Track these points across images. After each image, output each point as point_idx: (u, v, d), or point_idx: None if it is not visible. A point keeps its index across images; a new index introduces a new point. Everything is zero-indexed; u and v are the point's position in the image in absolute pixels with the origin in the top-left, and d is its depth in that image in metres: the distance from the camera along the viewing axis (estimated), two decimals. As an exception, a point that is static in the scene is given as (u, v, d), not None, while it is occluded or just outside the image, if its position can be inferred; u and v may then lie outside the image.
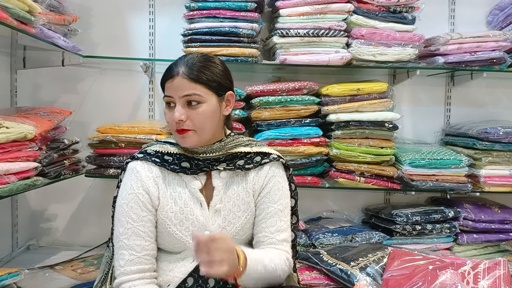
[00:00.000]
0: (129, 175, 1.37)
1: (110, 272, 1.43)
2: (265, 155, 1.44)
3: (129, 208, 1.33)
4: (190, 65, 1.32)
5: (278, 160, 1.44)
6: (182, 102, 1.32)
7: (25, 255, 2.28)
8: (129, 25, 2.45)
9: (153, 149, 1.42)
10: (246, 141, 1.47)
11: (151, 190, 1.35)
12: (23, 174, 1.65)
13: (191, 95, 1.31)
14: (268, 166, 1.43)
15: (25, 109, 2.07)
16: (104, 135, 2.10)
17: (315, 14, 2.13)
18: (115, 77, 2.45)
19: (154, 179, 1.37)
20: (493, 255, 2.21)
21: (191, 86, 1.31)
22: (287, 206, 1.43)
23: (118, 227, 1.34)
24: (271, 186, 1.41)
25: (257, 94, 2.16)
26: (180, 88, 1.31)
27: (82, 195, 2.48)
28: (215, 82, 1.34)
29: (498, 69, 2.26)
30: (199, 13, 2.13)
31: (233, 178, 1.42)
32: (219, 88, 1.36)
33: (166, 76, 1.35)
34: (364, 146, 2.16)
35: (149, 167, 1.37)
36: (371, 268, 1.72)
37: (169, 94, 1.34)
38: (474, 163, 2.21)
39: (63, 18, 2.02)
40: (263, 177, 1.42)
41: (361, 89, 2.15)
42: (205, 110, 1.33)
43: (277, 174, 1.43)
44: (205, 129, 1.35)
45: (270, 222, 1.39)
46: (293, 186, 1.49)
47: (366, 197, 2.53)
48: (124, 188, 1.37)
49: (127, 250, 1.31)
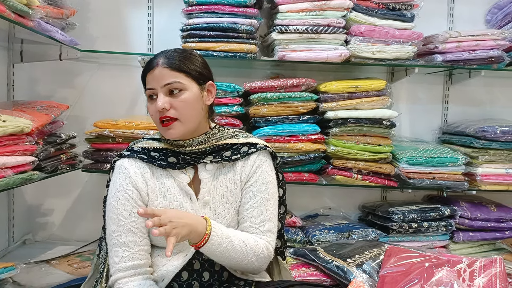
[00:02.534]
0: (117, 173, 1.37)
1: (105, 272, 1.42)
2: (252, 145, 1.43)
3: (120, 205, 1.33)
4: (169, 56, 1.34)
5: (265, 149, 1.43)
6: (164, 91, 1.32)
7: (21, 250, 2.27)
8: (127, 20, 2.44)
9: (140, 146, 1.42)
10: (232, 132, 1.46)
11: (140, 186, 1.35)
12: (19, 168, 1.65)
13: (172, 83, 1.31)
14: (255, 155, 1.41)
15: (22, 103, 2.06)
16: (101, 130, 2.10)
17: (314, 10, 2.13)
18: (112, 72, 2.44)
19: (143, 175, 1.37)
20: (488, 253, 2.22)
21: (172, 74, 1.32)
22: (273, 196, 1.42)
23: (110, 225, 1.34)
24: (258, 175, 1.40)
25: (255, 90, 2.15)
26: (161, 77, 1.32)
27: (78, 190, 2.47)
28: (195, 71, 1.36)
29: (496, 67, 2.26)
30: (197, 8, 2.12)
31: (220, 170, 1.41)
32: (200, 77, 1.37)
33: (146, 69, 1.36)
34: (362, 143, 2.17)
35: (137, 164, 1.38)
36: (367, 265, 1.72)
37: (151, 86, 1.34)
38: (471, 162, 2.22)
39: (61, 11, 2.01)
40: (250, 166, 1.40)
41: (359, 86, 2.15)
42: (187, 97, 1.33)
43: (264, 163, 1.42)
44: (189, 117, 1.34)
45: (256, 212, 1.37)
46: (280, 176, 1.48)
47: (363, 194, 2.53)
48: (113, 186, 1.37)
49: (121, 247, 1.31)
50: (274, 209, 1.41)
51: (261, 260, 1.34)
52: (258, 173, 1.40)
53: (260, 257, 1.33)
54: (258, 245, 1.33)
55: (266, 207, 1.38)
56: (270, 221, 1.39)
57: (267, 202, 1.39)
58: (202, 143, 1.39)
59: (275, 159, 1.46)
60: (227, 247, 1.27)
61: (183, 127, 1.34)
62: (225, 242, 1.26)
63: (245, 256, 1.30)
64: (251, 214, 1.38)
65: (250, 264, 1.32)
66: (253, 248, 1.31)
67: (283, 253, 1.52)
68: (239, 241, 1.29)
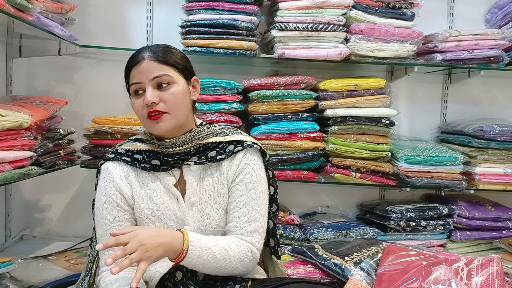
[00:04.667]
0: (102, 177, 1.37)
1: (93, 271, 1.43)
2: (239, 142, 1.39)
3: (105, 210, 1.33)
4: (154, 50, 1.33)
5: (252, 146, 1.39)
6: (152, 84, 1.30)
7: (18, 245, 2.27)
8: (127, 15, 2.43)
9: (124, 148, 1.40)
10: (219, 129, 1.42)
11: (124, 189, 1.34)
12: (17, 163, 1.64)
13: (161, 76, 1.30)
14: (241, 154, 1.37)
15: (21, 98, 2.06)
16: (100, 126, 2.10)
17: (314, 8, 2.12)
18: (112, 67, 2.43)
19: (127, 178, 1.36)
20: (486, 253, 2.22)
21: (160, 67, 1.30)
22: (261, 195, 1.37)
23: (98, 229, 1.35)
24: (245, 174, 1.36)
25: (255, 87, 2.15)
26: (149, 71, 1.29)
27: (76, 185, 2.47)
28: (181, 65, 1.35)
29: (496, 67, 2.26)
30: (197, 5, 2.11)
31: (206, 170, 1.38)
32: (186, 71, 1.36)
33: (131, 64, 1.33)
34: (361, 141, 2.17)
35: (121, 167, 1.37)
36: (365, 263, 1.72)
37: (138, 80, 1.31)
38: (469, 161, 2.22)
39: (61, 6, 2.00)
40: (236, 165, 1.37)
41: (359, 84, 2.15)
42: (176, 90, 1.31)
43: (251, 161, 1.37)
44: (178, 111, 1.32)
45: (242, 212, 1.34)
46: (270, 174, 1.43)
47: (361, 193, 2.53)
48: (99, 190, 1.37)
49: (108, 251, 1.30)
50: (262, 209, 1.37)
51: (245, 264, 1.31)
52: (245, 171, 1.36)
53: (245, 261, 1.30)
54: (242, 251, 1.30)
55: (252, 206, 1.34)
56: (256, 221, 1.34)
57: (253, 202, 1.35)
58: (186, 143, 1.36)
59: (265, 156, 1.42)
60: (208, 258, 1.24)
61: (173, 120, 1.31)
62: (205, 254, 1.24)
63: (228, 264, 1.28)
64: (236, 213, 1.34)
65: (235, 270, 1.30)
66: (236, 254, 1.28)
67: (277, 252, 1.49)
68: (220, 250, 1.26)
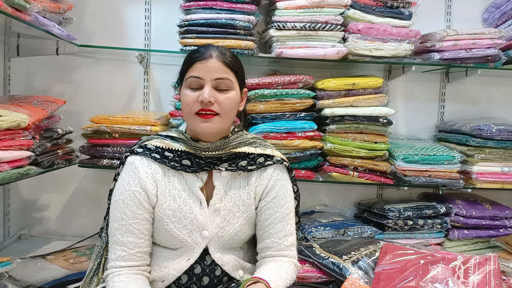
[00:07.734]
0: (127, 170, 1.35)
1: (102, 263, 1.43)
2: (269, 156, 1.41)
3: (125, 205, 1.31)
4: (222, 51, 1.33)
5: (281, 163, 1.43)
6: (213, 84, 1.31)
7: (16, 245, 2.27)
8: (124, 15, 2.43)
9: (154, 144, 1.38)
10: (250, 138, 1.45)
11: (149, 187, 1.33)
12: (16, 163, 1.64)
13: (224, 79, 1.31)
14: (271, 168, 1.41)
15: (19, 97, 2.06)
16: (98, 126, 2.09)
17: (312, 7, 2.12)
18: (109, 67, 2.43)
19: (153, 175, 1.34)
20: (483, 251, 2.23)
21: (225, 70, 1.31)
22: (292, 210, 1.43)
23: (113, 222, 1.33)
24: (277, 191, 1.40)
25: (253, 87, 2.15)
26: (214, 70, 1.30)
27: (75, 185, 2.47)
28: (240, 74, 1.36)
29: (493, 66, 2.27)
30: (195, 4, 2.11)
31: (235, 178, 1.39)
32: (242, 80, 1.38)
33: (197, 57, 1.32)
34: (358, 140, 2.17)
35: (148, 163, 1.35)
36: (363, 261, 1.73)
37: (199, 75, 1.30)
38: (466, 160, 2.23)
39: (58, 6, 1.99)
40: (266, 179, 1.40)
41: (357, 84, 2.16)
42: (233, 96, 1.33)
43: (281, 177, 1.42)
44: (228, 116, 1.34)
45: (278, 228, 1.38)
46: (295, 188, 1.49)
47: (359, 191, 2.54)
48: (121, 183, 1.34)
49: (120, 245, 1.31)
50: (293, 222, 1.43)
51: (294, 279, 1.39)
52: (277, 188, 1.40)
53: (294, 277, 1.39)
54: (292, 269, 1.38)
55: (286, 221, 1.40)
56: (291, 235, 1.41)
57: (287, 217, 1.40)
58: (220, 149, 1.37)
59: (291, 172, 1.47)
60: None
61: (221, 123, 1.33)
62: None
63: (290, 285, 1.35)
64: (272, 230, 1.38)
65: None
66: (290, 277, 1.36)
67: None
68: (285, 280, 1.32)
